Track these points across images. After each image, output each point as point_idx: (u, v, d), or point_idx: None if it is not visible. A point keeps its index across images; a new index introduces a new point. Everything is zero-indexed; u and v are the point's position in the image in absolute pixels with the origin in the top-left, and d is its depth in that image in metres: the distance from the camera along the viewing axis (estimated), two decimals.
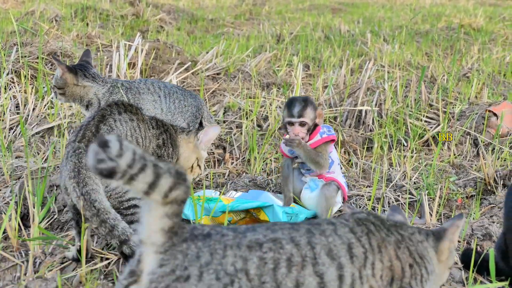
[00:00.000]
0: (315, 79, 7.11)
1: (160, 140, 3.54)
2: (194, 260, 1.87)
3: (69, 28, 8.98)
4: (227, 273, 1.87)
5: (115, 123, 3.29)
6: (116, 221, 2.95)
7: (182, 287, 1.84)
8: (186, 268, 1.85)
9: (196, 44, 9.17)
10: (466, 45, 10.06)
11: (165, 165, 1.79)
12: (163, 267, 1.86)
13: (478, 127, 5.56)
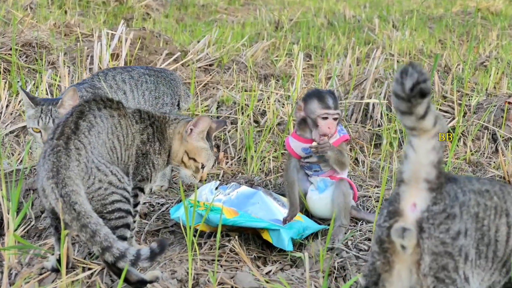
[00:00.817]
0: (317, 70, 7.12)
1: (144, 135, 3.53)
2: (455, 200, 2.31)
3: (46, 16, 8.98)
4: (471, 215, 2.34)
5: (95, 119, 3.29)
6: (98, 226, 2.96)
7: (451, 224, 2.29)
8: (452, 207, 2.30)
9: (186, 33, 9.17)
10: (483, 31, 10.07)
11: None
12: (437, 205, 2.29)
13: (496, 120, 5.57)
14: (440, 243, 2.29)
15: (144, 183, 3.55)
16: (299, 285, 3.25)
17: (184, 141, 3.68)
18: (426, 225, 2.29)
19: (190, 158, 3.70)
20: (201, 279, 3.24)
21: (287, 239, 3.61)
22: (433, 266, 2.31)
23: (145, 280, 3.14)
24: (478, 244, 2.36)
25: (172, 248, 3.71)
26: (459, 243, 2.30)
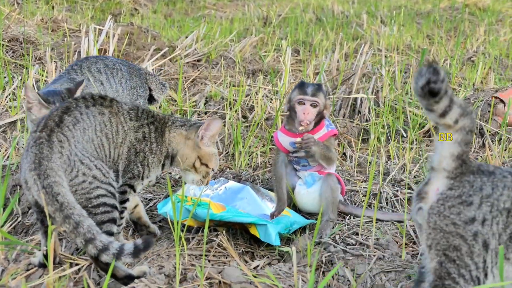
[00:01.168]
0: (305, 65, 7.12)
1: (139, 133, 3.50)
2: (477, 191, 2.54)
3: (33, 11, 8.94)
4: (498, 209, 2.52)
5: (81, 115, 3.28)
6: (81, 218, 2.95)
7: (463, 209, 2.53)
8: (471, 196, 2.53)
9: (174, 28, 9.16)
10: (471, 27, 10.09)
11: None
12: (452, 191, 2.56)
13: (483, 115, 5.58)
14: (451, 223, 2.55)
15: (135, 180, 3.53)
16: (287, 280, 3.25)
17: (197, 147, 3.66)
18: (435, 205, 2.58)
19: (203, 163, 3.70)
20: (189, 274, 3.23)
21: (274, 234, 3.61)
22: (442, 242, 2.57)
23: (132, 275, 3.14)
24: (510, 238, 2.54)
25: (159, 243, 3.70)
26: (473, 229, 2.53)
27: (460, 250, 2.56)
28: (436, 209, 2.58)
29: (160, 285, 3.08)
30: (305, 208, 4.10)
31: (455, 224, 2.55)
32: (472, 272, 2.57)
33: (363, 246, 3.63)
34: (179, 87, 5.78)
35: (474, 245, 2.54)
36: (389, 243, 3.65)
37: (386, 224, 3.94)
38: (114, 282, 3.17)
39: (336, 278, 3.36)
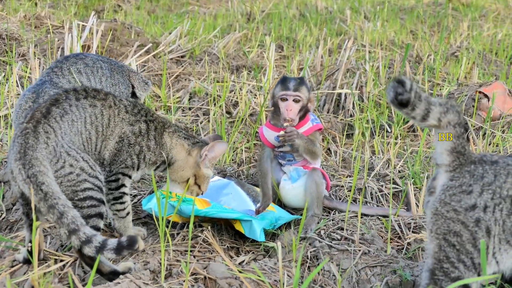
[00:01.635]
0: (289, 61, 7.11)
1: (135, 127, 3.49)
2: (478, 180, 2.64)
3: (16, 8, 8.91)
4: (500, 196, 2.61)
5: (70, 107, 3.27)
6: (65, 208, 2.94)
7: (464, 197, 2.63)
8: (471, 185, 2.63)
9: (158, 24, 9.14)
10: (454, 22, 10.12)
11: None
12: (453, 181, 2.67)
13: (468, 110, 5.60)
14: (452, 210, 2.66)
15: (129, 170, 3.52)
16: (272, 275, 3.25)
17: (196, 166, 3.68)
18: (438, 194, 2.70)
19: (196, 183, 3.72)
20: (174, 269, 3.22)
21: (259, 230, 3.61)
22: (443, 227, 2.67)
23: (117, 271, 3.13)
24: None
25: (144, 239, 3.70)
26: (475, 216, 2.62)
27: (461, 236, 2.64)
28: (439, 198, 2.70)
29: (145, 281, 3.07)
30: (290, 203, 4.10)
31: (456, 211, 2.65)
32: (475, 259, 2.63)
33: (348, 241, 3.63)
34: (163, 83, 5.77)
35: (477, 232, 2.62)
36: (374, 238, 3.65)
37: (371, 219, 3.95)
38: (99, 278, 3.16)
39: (321, 273, 3.36)
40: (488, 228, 2.61)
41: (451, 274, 2.65)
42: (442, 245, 2.66)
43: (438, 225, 2.67)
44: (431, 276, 2.69)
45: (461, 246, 2.63)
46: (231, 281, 3.14)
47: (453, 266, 2.64)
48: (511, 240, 2.62)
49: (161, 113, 5.50)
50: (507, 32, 9.15)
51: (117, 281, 3.04)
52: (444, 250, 2.66)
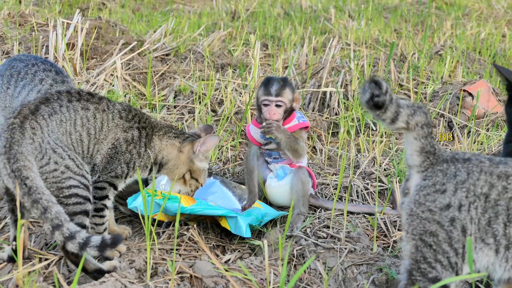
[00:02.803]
0: (274, 59, 7.10)
1: (129, 134, 3.49)
2: (451, 178, 2.61)
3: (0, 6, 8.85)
4: (475, 194, 2.58)
5: (60, 108, 3.27)
6: (49, 203, 2.92)
7: (438, 197, 2.61)
8: (444, 184, 2.61)
9: (143, 23, 9.10)
10: (438, 21, 10.13)
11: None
12: (426, 181, 2.64)
13: (452, 108, 5.60)
14: (427, 210, 2.62)
15: (117, 180, 3.52)
16: (258, 273, 3.24)
17: (190, 161, 3.69)
18: (413, 195, 2.67)
19: (193, 177, 3.73)
20: (160, 268, 3.20)
21: (245, 226, 3.59)
22: (419, 228, 2.64)
23: (102, 269, 3.11)
24: (489, 222, 2.59)
25: (130, 238, 3.67)
26: (450, 215, 2.59)
27: (437, 236, 2.62)
28: (413, 198, 2.67)
29: (130, 279, 3.05)
30: (276, 201, 4.08)
31: (431, 211, 2.62)
32: (451, 258, 2.61)
33: (334, 239, 3.62)
34: (148, 81, 5.74)
35: (452, 231, 2.60)
36: (360, 236, 3.64)
37: (357, 217, 3.94)
38: (84, 277, 3.14)
39: (307, 271, 3.35)
40: (463, 227, 2.60)
41: (429, 275, 2.64)
42: (419, 245, 2.65)
43: (414, 226, 2.65)
44: (409, 276, 2.68)
45: (437, 246, 2.62)
46: (217, 280, 3.13)
47: (430, 266, 2.63)
48: (486, 238, 2.61)
49: (146, 111, 5.47)
50: (490, 31, 9.17)
51: (102, 279, 3.02)
52: (421, 251, 2.65)
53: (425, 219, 2.63)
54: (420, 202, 2.64)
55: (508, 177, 2.60)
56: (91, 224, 3.44)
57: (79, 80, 5.77)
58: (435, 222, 2.61)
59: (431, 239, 2.62)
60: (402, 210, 2.73)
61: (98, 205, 3.46)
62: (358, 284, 3.25)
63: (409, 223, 2.66)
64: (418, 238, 2.64)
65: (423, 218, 2.63)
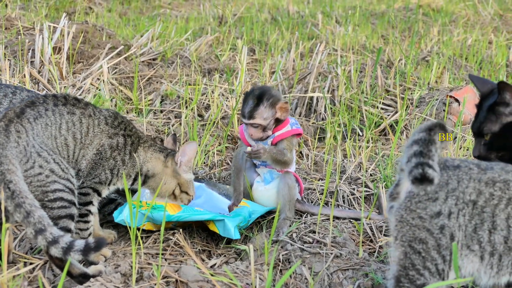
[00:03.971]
0: (261, 64, 7.11)
1: (114, 140, 3.48)
2: (443, 186, 2.63)
3: None
4: (464, 201, 2.60)
5: (45, 111, 3.26)
6: (33, 207, 2.92)
7: (430, 205, 2.62)
8: (436, 192, 2.63)
9: (130, 27, 9.10)
10: (425, 27, 10.16)
11: None
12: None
13: (438, 114, 5.62)
14: (418, 217, 2.64)
15: (101, 186, 3.51)
16: (244, 278, 3.24)
17: (176, 174, 3.66)
18: (404, 201, 2.67)
19: (183, 191, 3.71)
20: (145, 272, 3.20)
21: (233, 228, 3.60)
22: (408, 234, 2.66)
23: (88, 274, 3.11)
24: (475, 229, 2.62)
25: (115, 242, 3.67)
26: (440, 223, 2.62)
27: (426, 243, 2.63)
28: (404, 205, 2.68)
29: (116, 284, 3.04)
30: (263, 205, 4.07)
31: (421, 218, 2.64)
32: (439, 265, 2.63)
33: (320, 244, 3.62)
34: (134, 85, 5.74)
35: (441, 238, 2.62)
36: (346, 241, 3.64)
37: (343, 222, 3.94)
38: (69, 281, 3.13)
39: (293, 276, 3.35)
40: (452, 234, 2.62)
41: (417, 281, 2.65)
42: (408, 252, 2.66)
43: (403, 233, 2.66)
44: (396, 283, 2.69)
45: (426, 253, 2.63)
46: (203, 284, 3.13)
47: (419, 273, 2.65)
48: (471, 245, 2.63)
49: (133, 115, 5.46)
50: (477, 38, 9.21)
51: (87, 284, 3.01)
52: (409, 257, 2.66)
53: (415, 226, 2.64)
54: (411, 209, 2.65)
55: (495, 183, 2.62)
56: (76, 229, 3.44)
57: (65, 84, 5.76)
58: (425, 229, 2.63)
59: (420, 246, 2.63)
60: (390, 214, 2.74)
61: (82, 210, 3.45)
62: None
63: (398, 230, 2.67)
64: (407, 245, 2.65)
65: (413, 225, 2.64)
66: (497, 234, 2.60)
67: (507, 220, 2.59)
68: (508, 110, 3.10)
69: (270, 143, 3.99)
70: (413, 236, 2.64)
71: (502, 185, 2.61)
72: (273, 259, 2.87)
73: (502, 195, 2.60)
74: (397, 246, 2.68)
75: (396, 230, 2.68)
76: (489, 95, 3.20)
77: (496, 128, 3.12)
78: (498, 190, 2.60)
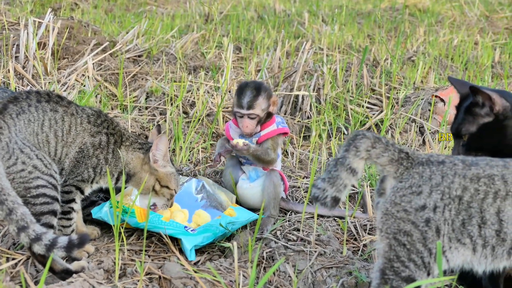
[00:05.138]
0: (247, 62, 7.10)
1: (96, 139, 3.46)
2: (427, 181, 2.66)
3: None
4: (450, 196, 2.63)
5: (28, 107, 3.24)
6: (15, 205, 2.90)
7: (414, 198, 2.65)
8: (420, 186, 2.65)
9: (115, 23, 9.07)
10: (411, 27, 10.18)
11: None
12: (402, 183, 2.68)
13: (424, 113, 5.63)
14: (402, 210, 2.66)
15: (84, 184, 3.49)
16: (228, 275, 3.23)
17: (153, 170, 3.61)
18: (389, 195, 2.71)
19: (163, 186, 3.65)
20: (128, 269, 3.19)
21: (190, 249, 3.51)
22: (393, 227, 2.68)
23: (70, 270, 3.09)
24: (463, 223, 2.63)
25: (99, 238, 3.66)
26: (425, 216, 2.63)
27: (411, 235, 2.65)
28: (389, 199, 2.71)
29: (99, 280, 3.03)
30: (247, 202, 4.07)
31: (406, 211, 2.66)
32: (425, 258, 2.64)
33: (304, 242, 3.62)
34: (119, 82, 5.72)
35: (427, 231, 2.64)
36: (330, 239, 3.64)
37: (327, 220, 3.95)
38: (51, 277, 3.12)
39: (277, 274, 3.35)
40: (438, 227, 2.63)
41: (402, 273, 2.66)
42: (393, 244, 2.67)
43: (388, 225, 2.68)
44: (381, 275, 2.70)
45: (411, 246, 2.65)
46: (186, 281, 3.12)
47: (404, 265, 2.66)
48: (461, 238, 2.64)
49: (117, 112, 5.45)
50: (463, 38, 9.23)
51: (70, 280, 3.00)
52: (394, 250, 2.67)
53: (400, 219, 2.66)
54: (395, 202, 2.68)
55: (479, 179, 2.63)
56: (59, 226, 3.42)
57: (50, 80, 5.73)
58: (409, 222, 2.65)
59: (405, 238, 2.65)
60: (377, 209, 2.77)
61: (65, 208, 3.44)
62: (327, 287, 3.26)
63: (383, 222, 2.70)
64: (392, 237, 2.67)
65: (398, 218, 2.67)
66: (487, 228, 2.62)
67: (497, 214, 2.61)
68: (483, 111, 3.12)
69: (256, 141, 3.99)
70: (398, 229, 2.66)
71: (487, 180, 2.63)
72: (257, 256, 2.88)
73: (488, 190, 2.62)
74: (382, 238, 2.70)
75: (381, 222, 2.70)
76: (467, 97, 3.22)
77: (473, 129, 3.15)
78: (483, 185, 2.62)
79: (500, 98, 3.10)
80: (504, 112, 3.09)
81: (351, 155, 2.73)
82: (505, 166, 2.68)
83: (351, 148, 2.73)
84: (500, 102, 3.09)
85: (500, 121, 3.10)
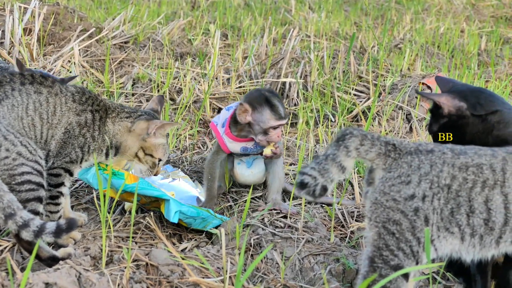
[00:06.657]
0: (234, 49, 7.08)
1: (82, 117, 3.42)
2: (415, 170, 2.66)
3: None
4: (438, 185, 2.63)
5: (12, 91, 3.21)
6: (1, 192, 2.88)
7: (403, 188, 2.65)
8: (409, 175, 2.66)
9: (101, 10, 9.02)
10: (398, 15, 10.18)
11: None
12: (391, 172, 2.68)
13: (411, 101, 5.62)
14: (392, 199, 2.66)
15: (73, 165, 3.46)
16: (215, 262, 3.22)
17: (141, 140, 3.58)
18: (378, 185, 2.71)
19: (147, 154, 3.62)
20: (115, 256, 3.17)
21: (174, 211, 3.48)
22: (382, 215, 2.67)
23: (56, 256, 3.07)
24: (452, 212, 2.64)
25: (85, 225, 3.63)
26: (414, 205, 2.63)
27: (400, 224, 2.64)
28: (378, 188, 2.71)
29: (85, 267, 3.01)
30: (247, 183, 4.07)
31: (395, 200, 2.66)
32: (414, 247, 2.64)
33: (292, 229, 3.61)
34: (106, 68, 5.69)
35: (416, 220, 2.63)
36: (317, 226, 3.64)
37: (314, 207, 3.94)
38: (38, 264, 3.09)
39: (264, 261, 3.34)
40: (426, 216, 2.64)
41: (391, 262, 2.65)
42: (382, 233, 2.67)
43: (377, 214, 2.68)
44: (370, 263, 2.69)
45: (400, 235, 2.65)
46: (174, 268, 3.10)
47: (393, 254, 2.65)
48: (450, 227, 2.65)
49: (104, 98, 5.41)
50: (449, 26, 9.24)
51: (56, 267, 2.97)
52: (383, 238, 2.67)
53: (389, 208, 2.67)
54: (384, 191, 2.68)
55: (468, 168, 2.64)
56: (46, 211, 3.39)
57: (35, 66, 5.69)
58: (399, 211, 2.65)
59: (394, 227, 2.65)
60: (366, 198, 2.76)
61: (53, 192, 3.41)
62: (315, 273, 3.25)
63: (372, 211, 2.70)
64: (381, 226, 2.67)
65: (387, 207, 2.67)
66: (475, 217, 2.63)
67: (485, 203, 2.62)
68: (440, 112, 3.17)
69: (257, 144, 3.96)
70: (387, 217, 2.66)
71: (475, 169, 2.64)
72: (244, 243, 2.86)
73: (476, 179, 2.63)
74: (371, 227, 2.70)
75: (371, 211, 2.70)
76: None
77: (435, 129, 3.22)
78: (472, 174, 2.63)
79: (451, 100, 3.15)
80: (458, 112, 3.14)
81: (342, 155, 2.73)
82: (494, 155, 2.69)
83: (342, 148, 2.72)
84: (449, 103, 3.14)
85: (454, 121, 3.15)
